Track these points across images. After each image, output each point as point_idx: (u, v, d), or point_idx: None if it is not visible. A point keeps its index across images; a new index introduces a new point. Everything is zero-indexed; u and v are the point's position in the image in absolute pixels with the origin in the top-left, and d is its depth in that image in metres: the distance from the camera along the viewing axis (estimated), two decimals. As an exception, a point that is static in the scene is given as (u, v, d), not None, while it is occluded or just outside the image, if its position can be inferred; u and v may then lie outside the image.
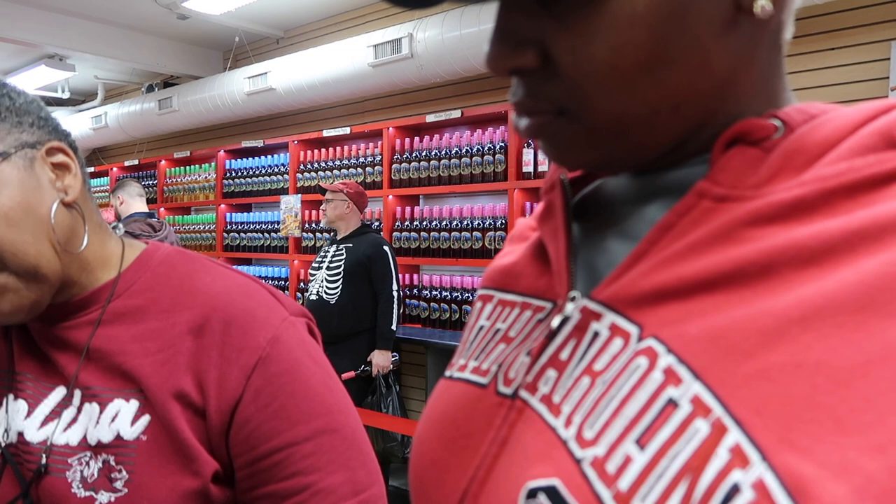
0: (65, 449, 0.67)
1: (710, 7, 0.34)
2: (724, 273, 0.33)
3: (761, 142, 0.36)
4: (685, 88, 0.35)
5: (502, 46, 0.37)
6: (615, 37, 0.34)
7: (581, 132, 0.37)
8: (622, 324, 0.36)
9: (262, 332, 0.70)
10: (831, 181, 0.32)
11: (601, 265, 0.41)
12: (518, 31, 0.36)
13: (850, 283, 0.29)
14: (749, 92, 0.38)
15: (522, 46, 0.36)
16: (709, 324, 0.32)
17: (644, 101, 0.35)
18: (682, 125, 0.37)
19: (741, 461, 0.28)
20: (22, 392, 0.70)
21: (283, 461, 0.68)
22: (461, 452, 0.41)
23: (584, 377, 0.36)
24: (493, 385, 0.42)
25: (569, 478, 0.33)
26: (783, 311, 0.30)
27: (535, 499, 0.34)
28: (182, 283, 0.73)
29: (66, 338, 0.70)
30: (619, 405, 0.33)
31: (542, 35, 0.36)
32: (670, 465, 0.30)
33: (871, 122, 0.33)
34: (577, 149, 0.38)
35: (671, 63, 0.34)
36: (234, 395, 0.67)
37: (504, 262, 0.50)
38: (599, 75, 0.35)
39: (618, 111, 0.36)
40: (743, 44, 0.36)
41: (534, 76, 0.37)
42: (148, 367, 0.68)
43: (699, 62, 0.35)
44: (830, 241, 0.30)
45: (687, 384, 0.31)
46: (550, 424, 0.36)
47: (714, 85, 0.36)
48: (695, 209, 0.35)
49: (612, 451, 0.32)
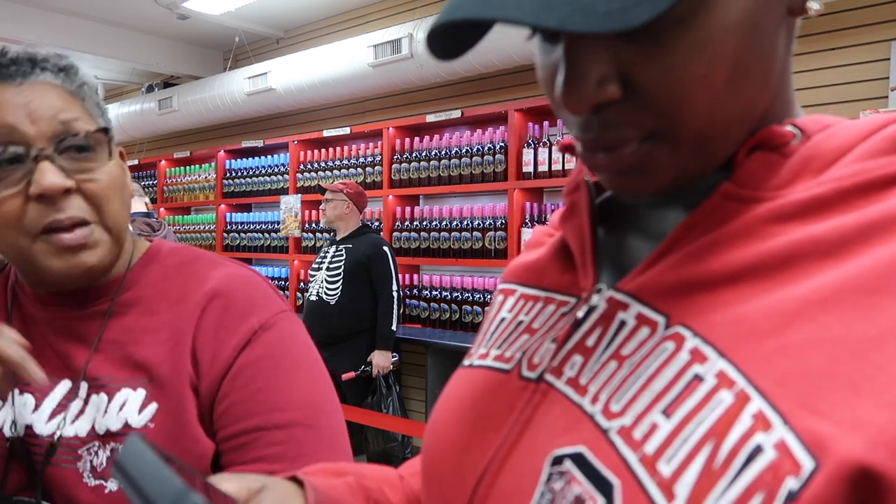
0: (73, 440, 0.68)
1: (774, 12, 0.36)
2: (747, 266, 0.35)
3: (781, 148, 0.38)
4: (754, 97, 0.37)
5: (582, 84, 0.35)
6: (710, 52, 0.34)
7: (666, 153, 0.37)
8: (649, 314, 0.38)
9: (257, 316, 0.72)
10: (846, 181, 0.34)
11: (625, 262, 0.43)
12: (596, 66, 0.35)
13: (866, 268, 0.31)
14: (776, 96, 0.40)
15: (604, 80, 0.35)
16: (733, 311, 0.34)
17: (726, 114, 0.36)
18: (742, 135, 0.38)
19: (763, 425, 0.30)
20: (28, 386, 0.71)
21: (251, 444, 0.68)
22: (482, 434, 0.42)
23: (612, 361, 0.38)
24: (516, 370, 0.44)
25: (595, 444, 0.35)
26: (803, 296, 0.32)
27: (560, 465, 0.35)
28: (189, 276, 0.75)
29: (76, 329, 0.72)
30: (646, 381, 0.35)
31: (624, 65, 0.35)
32: (695, 430, 0.32)
33: (883, 130, 0.36)
34: (661, 171, 0.38)
35: (749, 73, 0.36)
36: (223, 369, 0.69)
37: (526, 258, 0.52)
38: (692, 93, 0.34)
39: (705, 126, 0.36)
40: (784, 48, 0.38)
41: (614, 107, 0.36)
42: (160, 355, 0.69)
43: (765, 69, 0.37)
44: (846, 234, 0.33)
45: (712, 361, 0.33)
46: (576, 402, 0.38)
47: (770, 91, 0.38)
48: (719, 209, 0.38)
49: (638, 420, 0.34)
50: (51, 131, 0.66)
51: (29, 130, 0.65)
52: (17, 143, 0.65)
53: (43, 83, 0.68)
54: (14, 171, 0.65)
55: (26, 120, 0.65)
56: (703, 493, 0.30)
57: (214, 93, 4.83)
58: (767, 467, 0.29)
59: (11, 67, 0.67)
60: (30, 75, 0.68)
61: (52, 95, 0.68)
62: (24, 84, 0.67)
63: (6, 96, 0.66)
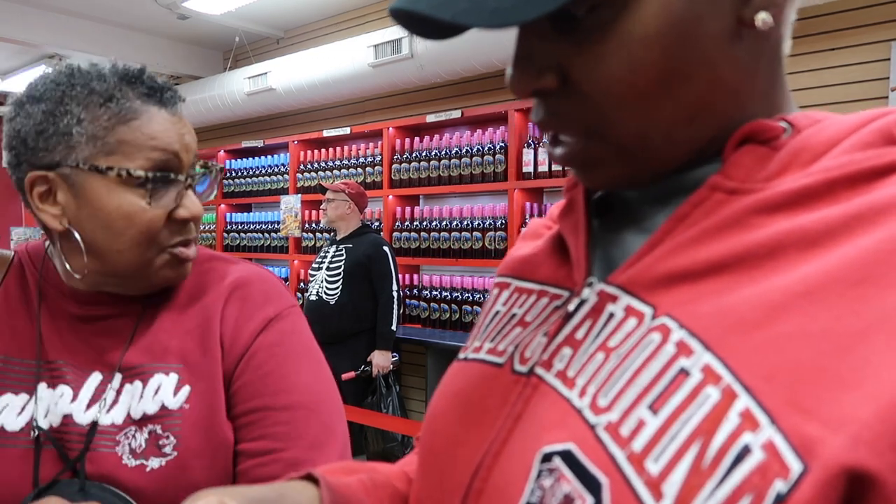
0: (111, 428, 0.72)
1: (715, 23, 0.36)
2: (733, 256, 0.35)
3: (771, 141, 0.38)
4: (699, 102, 0.38)
5: (524, 70, 0.39)
6: (630, 57, 0.36)
7: (607, 151, 0.39)
8: (637, 305, 0.38)
9: (273, 307, 0.79)
10: (834, 172, 0.34)
11: (617, 256, 0.43)
12: (537, 55, 0.39)
13: (850, 259, 0.31)
14: (754, 101, 0.40)
15: (543, 69, 0.39)
16: (719, 302, 0.34)
17: (662, 116, 0.37)
18: (698, 136, 0.39)
19: (751, 424, 0.30)
20: (62, 378, 0.75)
21: (257, 422, 0.74)
22: (476, 428, 0.43)
23: (599, 353, 0.38)
24: (509, 364, 0.44)
25: (583, 441, 0.35)
26: (789, 287, 0.32)
27: (550, 462, 0.35)
28: (209, 273, 0.82)
29: (111, 325, 0.77)
30: (632, 375, 0.35)
31: (561, 58, 0.38)
32: (682, 428, 0.32)
33: (872, 123, 0.36)
34: (607, 168, 0.40)
35: (685, 79, 0.36)
36: (240, 352, 0.76)
37: (522, 252, 0.52)
38: (618, 93, 0.37)
39: (639, 127, 0.38)
40: (748, 56, 0.38)
41: (554, 97, 0.39)
42: (190, 343, 0.76)
43: (710, 76, 0.37)
44: (831, 224, 0.33)
45: (698, 355, 0.33)
46: (565, 396, 0.38)
47: (725, 96, 0.38)
48: (708, 200, 0.38)
49: (625, 416, 0.34)
50: (191, 162, 0.75)
51: (185, 160, 0.74)
52: (177, 169, 0.73)
53: (181, 115, 0.76)
54: (167, 192, 0.73)
55: (184, 150, 0.74)
56: (691, 492, 0.30)
57: (214, 93, 4.83)
58: (756, 469, 0.29)
59: (167, 94, 0.74)
60: (176, 104, 0.75)
61: (191, 128, 0.77)
62: (176, 114, 0.74)
63: (169, 124, 0.73)
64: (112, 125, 0.70)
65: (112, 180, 0.70)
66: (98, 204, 0.70)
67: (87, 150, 0.69)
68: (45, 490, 0.68)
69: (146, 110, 0.71)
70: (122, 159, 0.70)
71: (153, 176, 0.71)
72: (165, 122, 0.72)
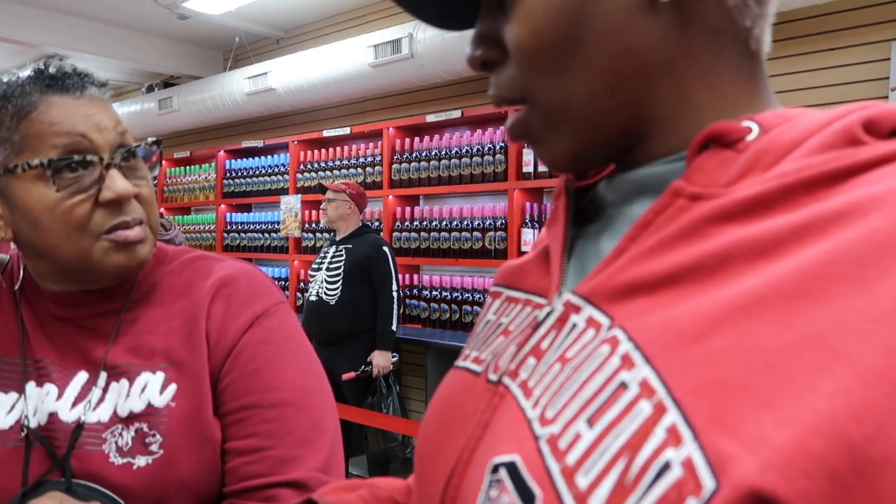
0: (97, 426, 0.72)
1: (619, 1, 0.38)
2: (686, 267, 0.34)
3: (735, 143, 0.36)
4: (615, 71, 0.38)
5: (474, 45, 0.43)
6: (534, 22, 0.39)
7: (543, 119, 0.42)
8: (597, 316, 0.37)
9: (259, 304, 0.79)
10: (790, 177, 0.33)
11: (591, 264, 0.43)
12: (484, 31, 0.43)
13: (792, 271, 0.30)
14: (714, 96, 0.39)
15: (485, 41, 0.43)
16: (667, 314, 0.33)
17: (578, 81, 0.39)
18: (626, 111, 0.40)
19: (675, 440, 0.29)
20: (48, 377, 0.75)
21: (245, 420, 0.74)
22: (453, 435, 0.43)
23: (557, 364, 0.38)
24: (484, 373, 0.44)
25: (527, 454, 0.35)
26: (728, 300, 0.31)
27: (496, 473, 0.35)
28: (195, 271, 0.81)
29: (93, 325, 0.77)
30: (578, 387, 0.35)
31: (500, 31, 0.41)
32: (613, 442, 0.31)
33: (837, 122, 0.34)
34: (547, 139, 0.42)
35: (592, 45, 0.38)
36: (227, 349, 0.75)
37: (516, 261, 0.53)
38: (531, 57, 0.40)
39: (558, 92, 0.40)
40: (672, 33, 0.38)
41: (498, 69, 0.43)
42: (176, 341, 0.75)
43: (621, 46, 0.38)
44: (780, 234, 0.31)
45: (638, 368, 0.32)
46: (522, 406, 0.38)
47: (646, 71, 0.39)
48: (670, 207, 0.37)
49: (565, 429, 0.34)
50: (112, 142, 0.72)
51: (98, 140, 0.71)
52: (89, 151, 0.70)
53: (94, 97, 0.74)
54: (84, 177, 0.70)
55: (94, 130, 0.71)
56: None
57: (214, 93, 4.83)
58: (673, 485, 0.28)
59: (68, 81, 0.72)
60: (83, 89, 0.73)
61: (107, 108, 0.74)
62: (82, 97, 0.72)
63: (71, 108, 0.71)
64: (14, 124, 0.70)
65: (27, 178, 0.69)
66: (22, 204, 0.70)
67: (1, 155, 0.70)
68: (32, 490, 0.68)
69: (44, 100, 0.70)
70: (30, 154, 0.69)
71: (50, 161, 0.68)
72: (67, 106, 0.71)
